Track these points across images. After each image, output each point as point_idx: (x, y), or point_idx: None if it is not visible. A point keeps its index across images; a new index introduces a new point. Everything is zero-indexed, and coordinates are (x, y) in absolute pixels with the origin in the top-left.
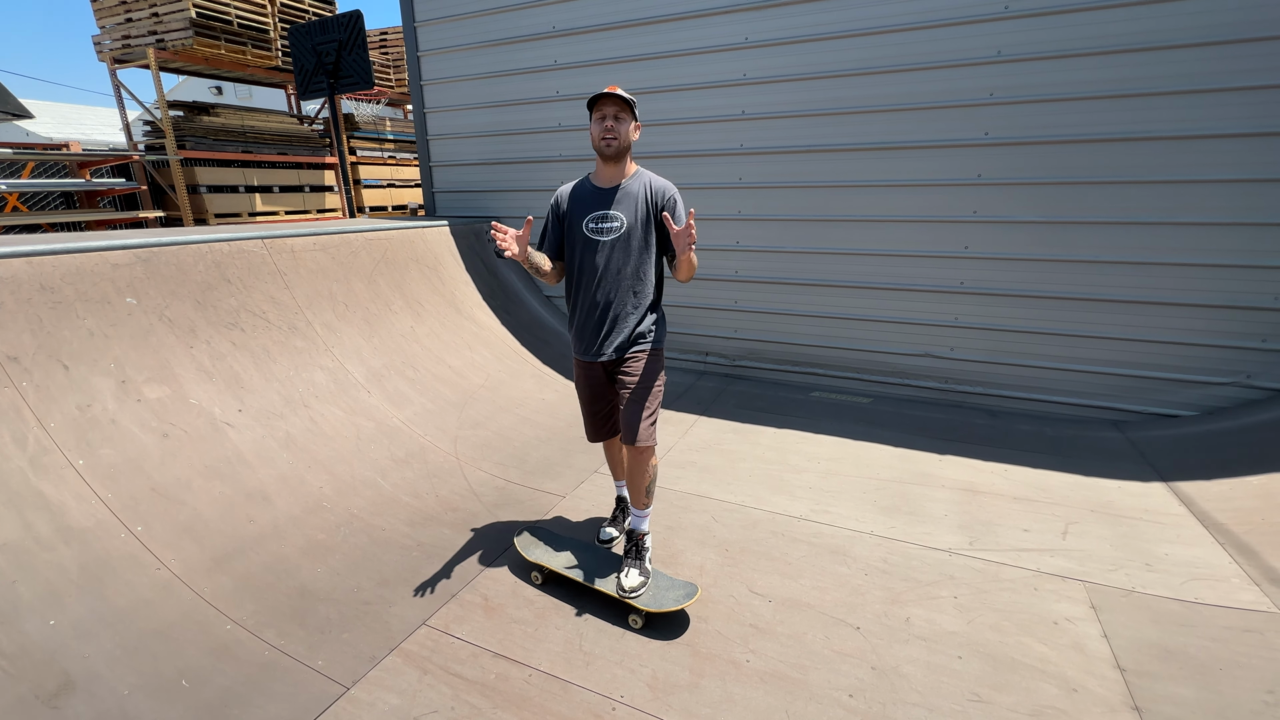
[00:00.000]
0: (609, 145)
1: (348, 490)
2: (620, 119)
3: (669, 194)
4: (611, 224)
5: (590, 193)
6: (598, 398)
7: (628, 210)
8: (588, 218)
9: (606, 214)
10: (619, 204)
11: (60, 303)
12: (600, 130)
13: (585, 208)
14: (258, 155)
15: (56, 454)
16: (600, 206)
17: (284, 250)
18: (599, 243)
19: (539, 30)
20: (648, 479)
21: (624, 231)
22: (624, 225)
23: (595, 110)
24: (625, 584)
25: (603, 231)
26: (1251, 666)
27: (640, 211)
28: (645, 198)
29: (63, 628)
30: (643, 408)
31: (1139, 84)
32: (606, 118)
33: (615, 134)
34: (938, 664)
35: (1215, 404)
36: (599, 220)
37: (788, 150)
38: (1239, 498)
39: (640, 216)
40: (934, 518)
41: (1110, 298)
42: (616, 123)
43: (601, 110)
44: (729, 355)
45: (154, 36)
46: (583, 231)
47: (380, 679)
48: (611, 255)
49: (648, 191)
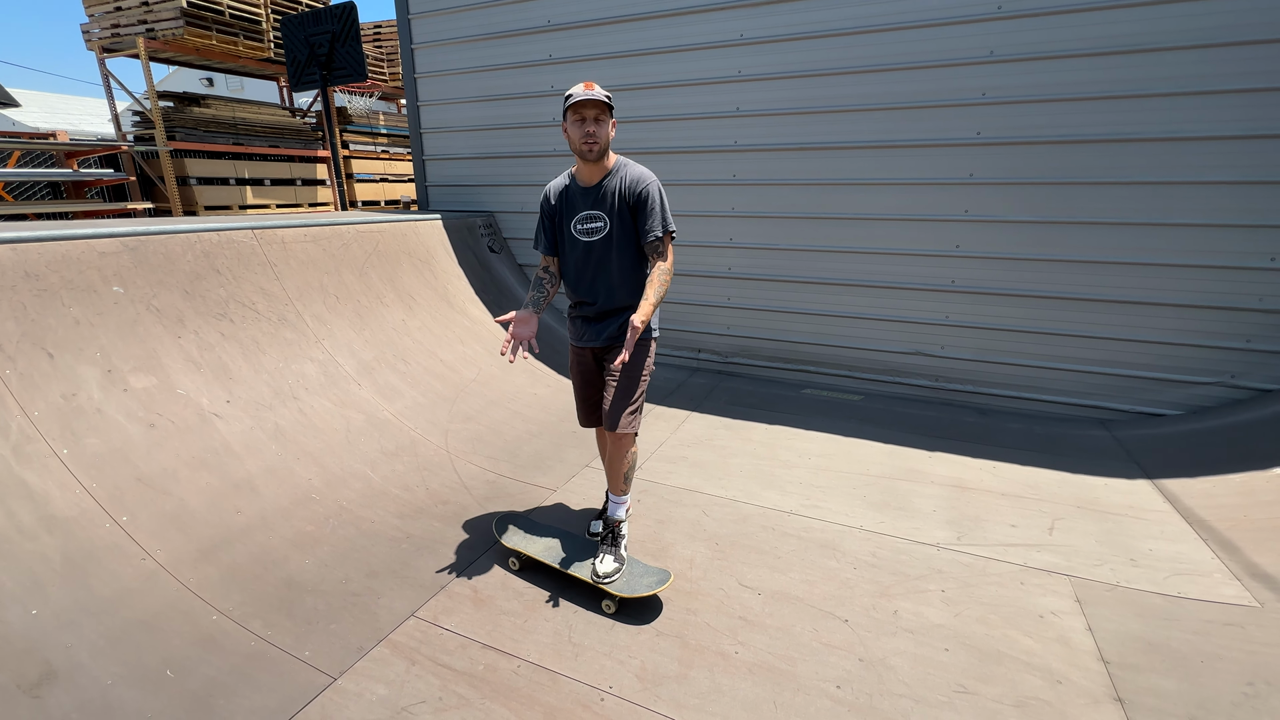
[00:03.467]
0: (590, 150)
1: (337, 482)
2: (600, 121)
3: (639, 187)
4: (595, 224)
5: (575, 193)
6: (589, 383)
7: (608, 209)
8: (575, 219)
9: (590, 214)
10: (600, 204)
11: (45, 290)
12: (580, 134)
13: (572, 209)
14: (249, 148)
15: (40, 443)
16: (584, 207)
17: (274, 241)
18: (589, 244)
19: (534, 24)
20: (626, 465)
21: (608, 230)
22: (607, 225)
23: (573, 112)
24: (599, 569)
25: (589, 232)
26: (1232, 659)
27: (618, 209)
28: (620, 193)
29: (45, 617)
30: (625, 396)
31: (1129, 85)
32: (586, 121)
33: (596, 139)
34: (924, 656)
35: (1200, 403)
36: (585, 221)
37: (781, 148)
38: (1221, 495)
39: (618, 214)
40: (923, 513)
41: (1099, 298)
42: (597, 126)
43: (581, 113)
44: (721, 352)
45: (144, 26)
46: (572, 233)
47: (368, 669)
48: (600, 254)
49: (622, 186)
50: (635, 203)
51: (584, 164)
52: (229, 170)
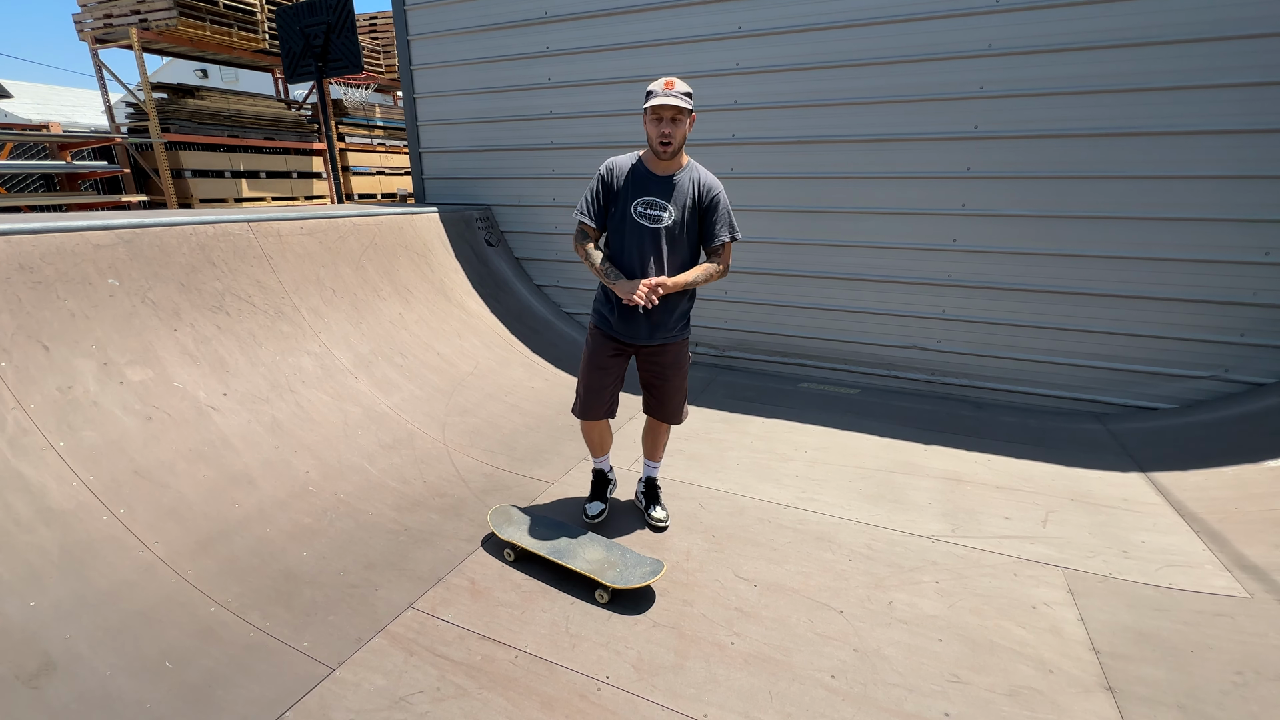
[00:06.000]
0: (665, 150)
1: (334, 475)
2: (677, 121)
3: (714, 192)
4: (662, 214)
5: (644, 176)
6: (610, 374)
7: (678, 204)
8: (638, 200)
9: (657, 202)
10: (669, 195)
11: (40, 283)
12: (658, 133)
13: (640, 189)
14: (244, 140)
15: (36, 435)
16: (652, 193)
17: (270, 234)
18: (648, 230)
19: (532, 15)
20: (666, 439)
21: (672, 223)
22: (673, 218)
23: (652, 112)
24: (657, 514)
25: (653, 219)
26: (1221, 649)
27: (688, 207)
28: (694, 194)
29: (43, 609)
30: (683, 393)
31: (1126, 79)
32: (664, 121)
33: (671, 138)
34: (918, 646)
35: (1194, 397)
36: (649, 206)
37: (778, 141)
38: (1213, 487)
39: (688, 211)
40: (918, 506)
41: (1095, 292)
42: (674, 126)
43: (660, 113)
44: (719, 345)
45: (137, 16)
46: (632, 214)
47: (366, 660)
48: (661, 245)
49: (696, 188)
50: (707, 206)
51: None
52: (224, 163)
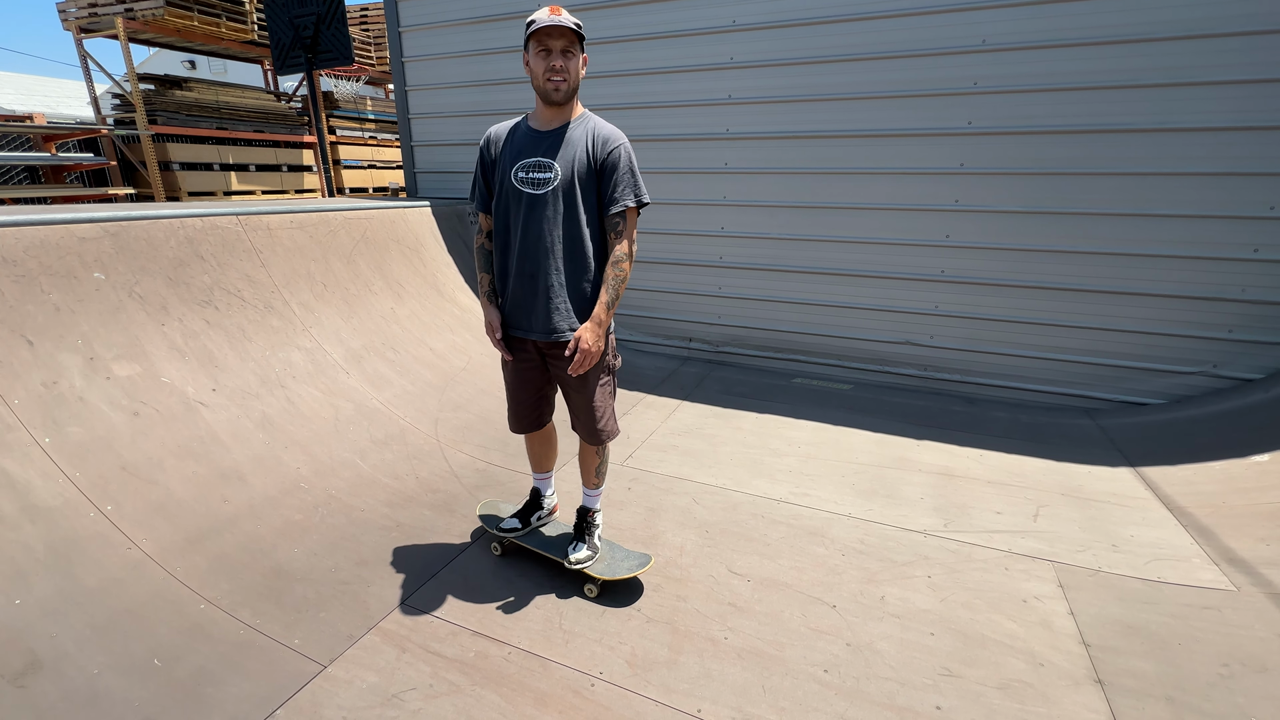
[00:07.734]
0: (557, 89)
1: (326, 471)
2: (569, 54)
3: (611, 145)
4: (545, 174)
5: (525, 136)
6: (525, 384)
7: (565, 160)
8: (518, 165)
9: (540, 161)
10: (554, 151)
11: (24, 276)
12: (544, 69)
13: (517, 153)
14: (233, 133)
15: (21, 431)
16: (534, 153)
17: (260, 228)
18: (528, 196)
19: (524, 8)
20: (598, 461)
21: (558, 184)
22: (558, 177)
23: (536, 41)
24: (572, 558)
25: (534, 183)
26: (1209, 641)
27: (580, 162)
28: (587, 147)
29: (29, 607)
30: (598, 409)
31: (1119, 76)
32: (553, 54)
33: (564, 74)
34: (911, 640)
35: (1183, 393)
36: (531, 169)
37: (773, 136)
38: (1201, 482)
39: (580, 169)
40: (910, 501)
41: (1086, 288)
42: (565, 59)
43: (545, 43)
44: (712, 341)
45: (123, 5)
46: (511, 181)
47: (358, 657)
48: (542, 213)
49: (590, 141)
50: (604, 163)
51: (545, 107)
52: (213, 155)
